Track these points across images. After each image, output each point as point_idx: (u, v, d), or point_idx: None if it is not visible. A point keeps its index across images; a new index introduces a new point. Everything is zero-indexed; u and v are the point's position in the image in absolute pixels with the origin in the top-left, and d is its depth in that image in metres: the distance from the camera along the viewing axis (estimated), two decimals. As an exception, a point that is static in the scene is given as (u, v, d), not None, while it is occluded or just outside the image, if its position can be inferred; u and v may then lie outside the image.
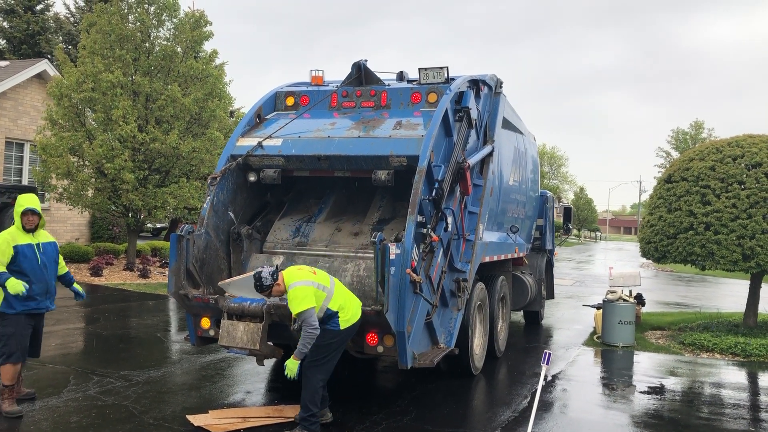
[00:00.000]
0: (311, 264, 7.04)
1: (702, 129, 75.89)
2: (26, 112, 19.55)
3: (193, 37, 17.46)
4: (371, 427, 6.26)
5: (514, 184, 10.43)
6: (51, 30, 31.08)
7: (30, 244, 6.39)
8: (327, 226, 7.86)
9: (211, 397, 7.17)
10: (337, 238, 7.66)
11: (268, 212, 8.26)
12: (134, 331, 10.73)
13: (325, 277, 6.10)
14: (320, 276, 6.03)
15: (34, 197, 6.55)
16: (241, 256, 7.64)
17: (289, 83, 9.06)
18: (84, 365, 8.16)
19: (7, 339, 6.24)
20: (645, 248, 12.53)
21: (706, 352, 10.86)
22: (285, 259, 7.49)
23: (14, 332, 6.25)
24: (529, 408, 7.07)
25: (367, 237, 7.52)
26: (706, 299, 20.12)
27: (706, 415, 7.35)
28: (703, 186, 11.52)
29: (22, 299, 6.22)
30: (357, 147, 7.35)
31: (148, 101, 16.75)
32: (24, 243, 6.34)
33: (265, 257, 7.60)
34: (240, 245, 7.64)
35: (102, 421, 6.13)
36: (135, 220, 17.79)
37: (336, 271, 7.10)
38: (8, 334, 6.24)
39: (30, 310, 6.33)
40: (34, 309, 6.37)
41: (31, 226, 6.40)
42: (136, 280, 16.74)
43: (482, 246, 8.51)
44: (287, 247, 7.72)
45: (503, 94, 9.65)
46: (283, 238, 7.83)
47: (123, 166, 15.74)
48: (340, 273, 7.09)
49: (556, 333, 12.46)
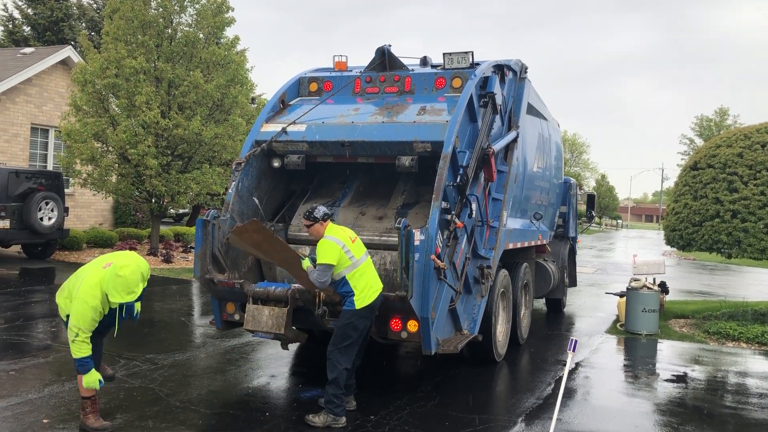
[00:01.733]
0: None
1: (727, 116, 74.79)
2: (51, 99, 19.75)
3: (215, 23, 17.47)
4: (395, 412, 6.29)
5: (537, 171, 10.36)
6: (74, 17, 31.31)
7: (129, 303, 5.44)
8: (351, 210, 7.87)
9: (235, 381, 7.24)
10: (362, 222, 7.67)
11: (293, 202, 8.28)
12: (158, 316, 10.85)
13: (361, 249, 6.14)
14: (356, 246, 6.11)
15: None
16: None
17: (313, 69, 9.05)
18: (110, 348, 8.24)
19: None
20: (670, 236, 12.41)
21: (732, 341, 10.75)
22: (311, 251, 7.48)
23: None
24: (552, 395, 7.06)
25: (391, 221, 7.53)
26: (731, 288, 19.89)
27: (732, 404, 7.28)
28: (730, 173, 11.36)
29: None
30: (381, 133, 7.32)
31: (171, 87, 16.83)
32: (127, 301, 5.39)
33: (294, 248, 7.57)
34: None
35: (130, 403, 6.22)
36: (158, 206, 17.93)
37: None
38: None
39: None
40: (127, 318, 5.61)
41: None
42: (160, 265, 16.91)
43: (506, 233, 8.47)
44: None
45: (528, 79, 9.55)
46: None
47: (146, 151, 15.85)
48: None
49: (578, 321, 12.40)
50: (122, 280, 5.26)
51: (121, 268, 5.30)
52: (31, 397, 6.17)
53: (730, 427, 6.45)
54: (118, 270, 5.29)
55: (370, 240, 7.34)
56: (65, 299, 5.58)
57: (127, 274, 5.29)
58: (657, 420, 6.60)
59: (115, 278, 5.26)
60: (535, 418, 6.37)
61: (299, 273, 6.30)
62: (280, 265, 6.90)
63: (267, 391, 6.98)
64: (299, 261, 6.27)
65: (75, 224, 19.39)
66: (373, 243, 7.32)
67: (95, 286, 5.34)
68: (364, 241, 7.23)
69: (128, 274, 5.29)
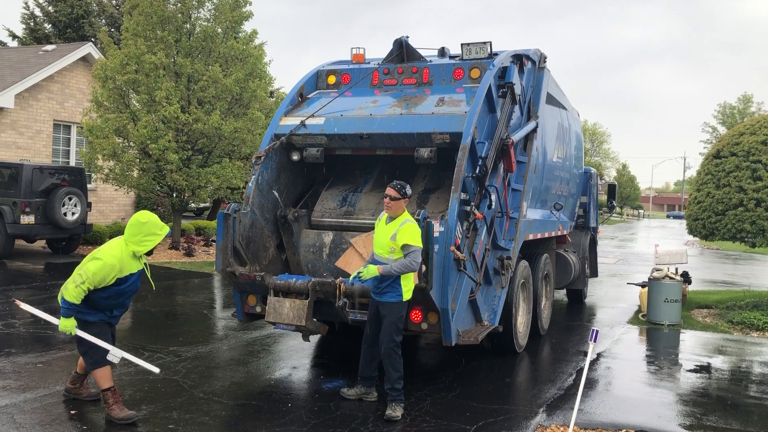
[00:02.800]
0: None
1: (751, 103, 73.65)
2: (72, 95, 19.97)
3: (233, 18, 17.54)
4: (416, 403, 6.31)
5: (557, 161, 10.30)
6: (94, 13, 31.59)
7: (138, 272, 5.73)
8: (373, 196, 7.92)
9: (258, 372, 7.31)
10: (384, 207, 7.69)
11: (315, 189, 8.32)
12: (181, 308, 10.97)
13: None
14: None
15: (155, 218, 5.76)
16: (292, 239, 7.72)
17: (331, 62, 9.06)
18: (134, 341, 8.38)
19: (88, 347, 5.65)
20: (692, 225, 12.28)
21: (756, 331, 10.63)
22: (334, 236, 7.58)
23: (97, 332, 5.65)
24: (573, 386, 7.04)
25: (412, 205, 7.54)
26: (755, 277, 19.65)
27: (756, 395, 7.21)
28: (754, 161, 11.21)
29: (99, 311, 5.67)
30: (399, 125, 7.33)
31: (190, 82, 16.94)
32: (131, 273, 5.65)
33: (315, 234, 7.68)
34: (289, 228, 7.70)
35: (154, 394, 6.31)
36: (179, 200, 18.09)
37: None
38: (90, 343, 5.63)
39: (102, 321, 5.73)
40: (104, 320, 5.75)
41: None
42: (182, 258, 17.07)
43: (526, 224, 8.44)
44: (334, 216, 7.81)
45: (547, 68, 9.49)
46: (330, 208, 7.93)
47: (167, 146, 15.99)
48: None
49: (599, 311, 12.33)
50: (147, 225, 5.60)
51: (141, 215, 5.68)
52: (58, 389, 6.28)
53: (755, 417, 6.39)
54: (139, 218, 5.65)
55: None
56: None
57: (149, 218, 5.66)
58: (680, 410, 6.57)
59: (140, 225, 5.58)
60: (557, 409, 6.37)
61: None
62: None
63: (289, 383, 7.04)
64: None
65: (98, 219, 19.63)
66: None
67: (116, 246, 5.59)
68: None
69: (151, 218, 5.67)
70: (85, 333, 5.59)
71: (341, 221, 7.74)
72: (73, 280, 5.51)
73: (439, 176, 7.81)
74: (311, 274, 7.66)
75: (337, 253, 7.44)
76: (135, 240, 5.58)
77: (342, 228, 7.67)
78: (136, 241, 5.58)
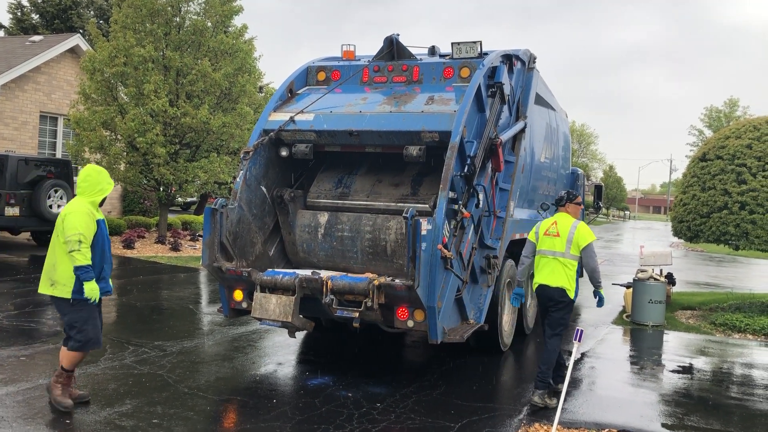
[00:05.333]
0: (354, 221, 7.52)
1: (737, 107, 74.23)
2: (60, 87, 19.82)
3: (223, 12, 17.48)
4: (401, 400, 6.33)
5: (545, 162, 10.35)
6: (82, 4, 31.35)
7: (102, 219, 5.81)
8: (368, 178, 8.03)
9: (243, 368, 7.31)
10: (379, 189, 7.83)
11: (311, 171, 8.38)
12: (167, 303, 10.93)
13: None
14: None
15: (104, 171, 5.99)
16: (288, 218, 7.86)
17: (321, 58, 9.05)
18: (119, 335, 8.35)
19: (83, 324, 5.62)
20: (677, 227, 12.38)
21: (738, 333, 10.74)
22: (329, 216, 7.75)
23: (89, 317, 5.66)
24: (558, 385, 7.08)
25: (407, 187, 7.69)
26: (738, 280, 19.85)
27: (737, 395, 7.30)
28: (739, 164, 11.31)
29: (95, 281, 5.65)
30: (389, 122, 7.34)
31: (179, 76, 16.86)
32: (100, 218, 5.77)
33: (311, 214, 7.83)
34: (285, 208, 7.84)
35: (139, 388, 6.29)
36: (166, 194, 18.01)
37: (380, 229, 7.36)
38: (84, 319, 5.63)
39: (103, 294, 5.71)
40: (105, 292, 5.76)
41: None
42: (168, 253, 17.00)
43: (513, 223, 8.48)
44: (330, 198, 7.94)
45: (536, 69, 9.53)
46: (326, 189, 8.05)
47: (154, 140, 15.91)
48: (384, 230, 7.32)
49: (584, 311, 12.41)
50: (103, 173, 5.86)
51: (93, 168, 5.90)
52: (41, 382, 6.24)
53: (736, 418, 6.47)
54: (95, 168, 5.89)
55: (387, 206, 7.58)
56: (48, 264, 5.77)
57: (103, 169, 5.90)
58: (662, 410, 6.63)
59: (98, 174, 5.82)
60: (541, 408, 6.40)
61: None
62: None
63: (274, 379, 7.04)
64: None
65: (84, 212, 19.46)
66: (390, 209, 7.54)
67: (74, 202, 5.75)
68: (381, 208, 7.58)
69: (104, 170, 5.91)
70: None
71: (336, 202, 7.89)
72: (68, 252, 5.51)
73: (428, 174, 7.83)
74: (306, 254, 7.84)
75: (333, 233, 7.62)
76: (96, 190, 5.76)
77: (337, 209, 7.82)
78: (96, 191, 5.77)
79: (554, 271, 6.51)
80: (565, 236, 6.49)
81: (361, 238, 7.53)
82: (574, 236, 6.45)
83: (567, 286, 6.48)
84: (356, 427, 5.60)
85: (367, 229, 7.51)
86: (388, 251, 7.38)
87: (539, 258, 6.65)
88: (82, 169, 6.03)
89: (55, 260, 5.66)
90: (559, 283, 6.48)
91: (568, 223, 6.57)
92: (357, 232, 7.56)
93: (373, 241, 7.45)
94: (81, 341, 5.65)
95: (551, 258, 6.54)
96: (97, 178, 5.80)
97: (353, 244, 7.58)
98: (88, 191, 5.76)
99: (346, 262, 7.66)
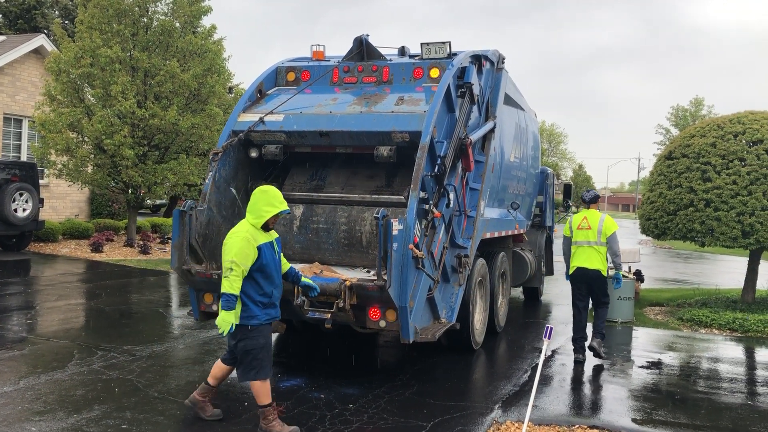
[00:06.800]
0: (330, 213, 7.68)
1: (702, 106, 75.74)
2: (24, 88, 19.44)
3: (192, 12, 17.31)
4: (374, 401, 6.33)
5: (515, 161, 10.43)
6: (47, 4, 30.82)
7: (270, 243, 5.49)
8: (343, 170, 8.05)
9: (214, 372, 7.23)
10: (353, 181, 7.86)
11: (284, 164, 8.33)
12: (136, 307, 10.79)
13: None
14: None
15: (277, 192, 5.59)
16: None
17: (290, 58, 9.02)
18: (87, 340, 8.22)
19: (258, 351, 5.37)
20: (645, 225, 12.57)
21: (705, 328, 10.94)
22: (305, 209, 7.80)
23: (264, 343, 5.43)
24: (529, 382, 7.15)
25: (382, 179, 7.74)
26: (705, 276, 20.23)
27: (704, 389, 7.43)
28: (703, 163, 11.53)
29: (264, 306, 5.40)
30: (359, 123, 7.34)
31: (147, 77, 16.66)
32: (265, 242, 5.43)
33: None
34: None
35: (107, 394, 6.19)
36: (135, 197, 17.78)
37: (355, 220, 7.43)
38: (259, 346, 5.38)
39: (270, 319, 5.49)
40: (273, 318, 5.52)
41: (274, 224, 5.64)
42: (137, 256, 16.78)
43: (483, 222, 8.53)
44: (305, 191, 7.96)
45: (505, 69, 9.60)
46: (300, 182, 8.07)
47: (122, 142, 15.69)
48: (359, 221, 7.37)
49: (555, 309, 12.54)
50: (268, 193, 5.47)
51: (261, 187, 5.56)
52: (6, 389, 6.12)
53: (703, 411, 6.59)
54: (261, 188, 5.53)
55: (361, 198, 7.61)
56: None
57: (270, 189, 5.53)
58: (631, 405, 6.73)
59: (261, 193, 5.46)
60: (512, 405, 6.46)
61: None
62: None
63: (246, 382, 6.96)
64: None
65: (50, 216, 19.16)
66: (365, 201, 7.58)
67: (238, 225, 5.49)
68: (356, 200, 7.63)
69: (270, 189, 5.53)
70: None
71: (311, 195, 7.92)
72: (224, 275, 5.24)
73: (402, 167, 7.83)
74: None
75: (308, 226, 7.73)
76: (254, 211, 5.41)
77: (312, 201, 7.86)
78: (255, 213, 5.40)
79: (590, 256, 8.23)
80: (596, 228, 8.23)
81: (336, 230, 7.63)
82: (603, 227, 8.20)
83: (601, 267, 8.25)
84: (329, 429, 5.58)
85: (342, 221, 7.61)
86: (363, 242, 7.42)
87: (575, 248, 8.34)
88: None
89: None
90: (595, 265, 8.22)
91: (596, 217, 8.31)
92: (332, 224, 7.66)
93: (348, 233, 7.49)
94: (255, 368, 5.40)
95: (586, 246, 8.25)
96: (256, 199, 5.43)
97: (328, 236, 7.67)
98: (249, 212, 5.44)
99: (322, 254, 7.74)
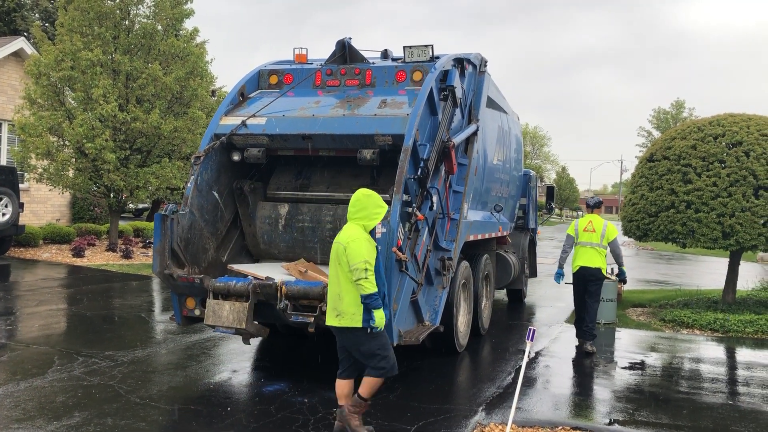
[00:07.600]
0: (315, 212, 7.75)
1: (683, 108, 76.52)
2: (3, 91, 19.22)
3: (174, 15, 17.22)
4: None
5: (498, 164, 10.47)
6: (27, 7, 30.52)
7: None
8: (329, 169, 8.10)
9: (197, 376, 7.18)
10: (339, 180, 7.93)
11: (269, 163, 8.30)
12: (118, 312, 10.69)
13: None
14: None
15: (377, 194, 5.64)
16: (248, 210, 7.95)
17: (273, 61, 8.99)
18: (68, 346, 8.13)
19: (385, 350, 5.40)
20: (627, 226, 12.66)
21: (686, 329, 11.03)
22: (290, 207, 7.89)
23: (387, 342, 5.49)
24: (513, 384, 7.16)
25: (366, 178, 7.78)
26: (686, 277, 20.41)
27: (686, 389, 7.49)
28: (684, 165, 11.63)
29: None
30: (342, 126, 7.33)
31: (129, 80, 16.54)
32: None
33: (271, 206, 7.95)
34: (245, 200, 7.94)
35: (88, 400, 6.13)
36: (117, 201, 17.64)
37: (340, 219, 7.46)
38: (384, 345, 5.43)
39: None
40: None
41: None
42: (119, 260, 16.64)
43: (467, 225, 8.55)
44: (290, 189, 8.06)
45: (488, 72, 9.64)
46: (286, 181, 8.16)
47: (104, 145, 15.56)
48: (344, 220, 7.25)
49: (538, 311, 12.59)
50: (372, 196, 5.53)
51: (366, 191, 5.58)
52: (-15, 396, 6.04)
53: (684, 411, 6.63)
54: (364, 192, 5.56)
55: (347, 196, 7.47)
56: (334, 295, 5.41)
57: (372, 192, 5.58)
58: (614, 406, 6.76)
59: (367, 197, 5.51)
60: (496, 407, 6.47)
61: None
62: None
63: (229, 386, 6.94)
64: None
65: (31, 220, 18.94)
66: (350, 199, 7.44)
67: (349, 228, 5.46)
68: (341, 198, 7.72)
69: (373, 193, 5.58)
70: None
71: (297, 194, 8.01)
72: (354, 280, 5.22)
73: (387, 165, 7.83)
74: (267, 245, 7.98)
75: (293, 224, 7.80)
76: (362, 215, 5.45)
77: (297, 200, 7.94)
78: (363, 216, 5.45)
79: (592, 256, 9.04)
80: (600, 231, 9.08)
81: (321, 229, 7.68)
82: (605, 231, 9.08)
83: (602, 266, 9.08)
84: (312, 433, 5.56)
85: (328, 220, 7.67)
86: None
87: (579, 248, 9.17)
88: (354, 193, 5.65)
89: (340, 290, 5.33)
90: (596, 264, 9.05)
91: (600, 222, 9.17)
92: (318, 223, 7.72)
93: (333, 231, 7.47)
94: (385, 368, 5.40)
95: (589, 247, 9.07)
96: (365, 203, 5.50)
97: (314, 235, 7.72)
98: (356, 216, 5.48)
99: (307, 253, 7.79)
